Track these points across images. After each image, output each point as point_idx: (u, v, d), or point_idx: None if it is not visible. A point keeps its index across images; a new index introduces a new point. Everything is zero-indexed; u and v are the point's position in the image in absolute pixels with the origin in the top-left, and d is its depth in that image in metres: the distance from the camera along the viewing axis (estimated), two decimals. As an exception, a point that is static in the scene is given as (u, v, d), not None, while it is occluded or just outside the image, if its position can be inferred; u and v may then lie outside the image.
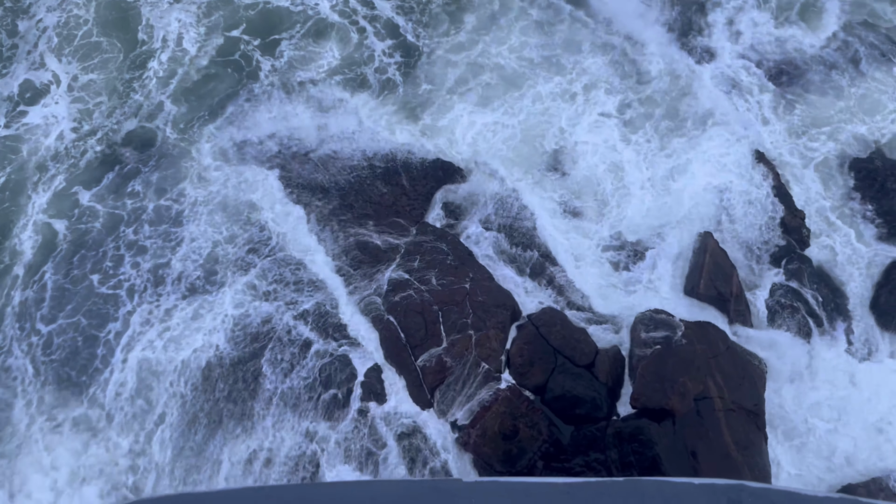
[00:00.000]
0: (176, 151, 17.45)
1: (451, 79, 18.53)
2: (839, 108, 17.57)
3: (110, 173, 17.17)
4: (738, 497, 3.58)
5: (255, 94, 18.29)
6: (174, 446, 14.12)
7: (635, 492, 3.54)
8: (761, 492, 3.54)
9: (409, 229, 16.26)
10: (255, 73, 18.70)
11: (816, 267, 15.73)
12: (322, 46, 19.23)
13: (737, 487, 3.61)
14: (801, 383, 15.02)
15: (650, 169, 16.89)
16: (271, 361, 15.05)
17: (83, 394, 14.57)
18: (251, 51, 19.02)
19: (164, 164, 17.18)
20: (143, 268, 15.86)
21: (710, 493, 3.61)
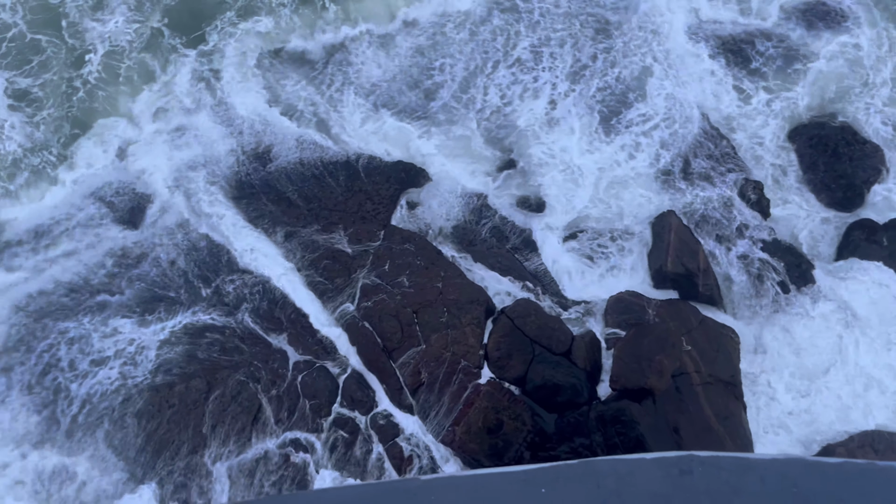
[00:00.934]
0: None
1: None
2: (787, 80, 17.91)
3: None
4: (689, 466, 3.67)
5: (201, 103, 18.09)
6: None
7: (590, 473, 3.60)
8: (711, 459, 3.64)
9: (376, 234, 16.25)
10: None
11: (779, 235, 16.02)
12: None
13: (687, 458, 3.70)
14: (771, 352, 15.30)
15: (602, 154, 17.07)
16: (251, 377, 14.92)
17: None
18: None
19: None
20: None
21: (662, 467, 3.70)
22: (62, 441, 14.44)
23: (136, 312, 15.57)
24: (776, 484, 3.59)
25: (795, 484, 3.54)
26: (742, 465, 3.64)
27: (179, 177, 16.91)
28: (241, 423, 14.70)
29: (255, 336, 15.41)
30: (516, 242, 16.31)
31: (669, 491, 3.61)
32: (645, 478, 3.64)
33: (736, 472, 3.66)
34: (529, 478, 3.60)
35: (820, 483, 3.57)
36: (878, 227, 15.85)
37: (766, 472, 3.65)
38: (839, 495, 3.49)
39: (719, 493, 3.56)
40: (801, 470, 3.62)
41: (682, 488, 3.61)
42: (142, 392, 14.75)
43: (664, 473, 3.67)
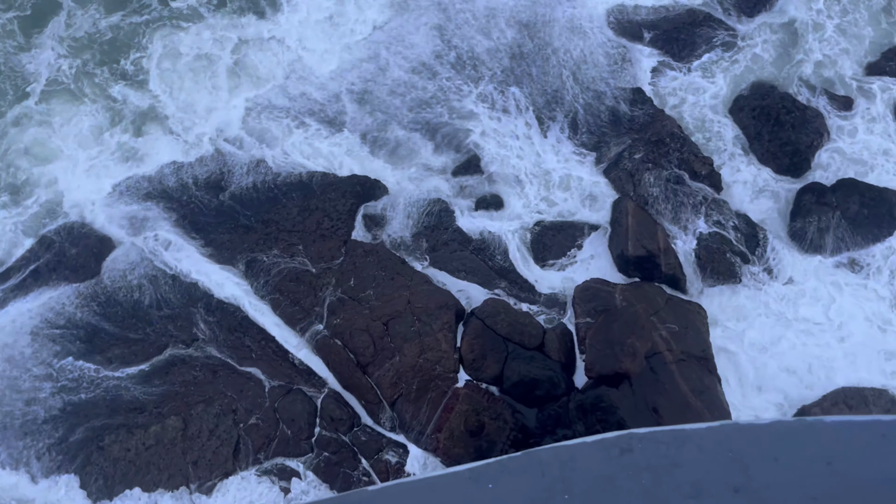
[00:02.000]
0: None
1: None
2: (723, 56, 18.26)
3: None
4: (629, 444, 3.74)
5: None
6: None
7: (534, 463, 3.66)
8: (649, 435, 3.72)
9: (338, 250, 16.20)
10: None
11: (733, 208, 16.31)
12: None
13: (626, 437, 3.78)
14: (737, 322, 15.57)
15: (551, 150, 17.24)
16: (227, 409, 14.77)
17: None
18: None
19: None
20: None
21: (603, 448, 3.77)
22: (39, 481, 14.20)
23: (104, 354, 15.31)
24: (712, 451, 3.67)
25: (731, 449, 3.62)
26: (679, 436, 3.72)
27: (132, 215, 16.68)
28: (222, 456, 14.54)
29: (227, 367, 15.26)
30: (479, 243, 16.38)
31: (612, 471, 3.67)
32: (587, 461, 3.70)
33: (674, 444, 3.73)
34: (475, 475, 3.64)
35: (753, 445, 3.66)
36: (826, 190, 16.23)
37: (701, 440, 3.74)
38: (772, 454, 3.58)
39: (660, 467, 3.63)
40: (734, 434, 3.71)
41: (624, 467, 3.67)
42: (117, 434, 14.51)
43: (605, 454, 3.74)
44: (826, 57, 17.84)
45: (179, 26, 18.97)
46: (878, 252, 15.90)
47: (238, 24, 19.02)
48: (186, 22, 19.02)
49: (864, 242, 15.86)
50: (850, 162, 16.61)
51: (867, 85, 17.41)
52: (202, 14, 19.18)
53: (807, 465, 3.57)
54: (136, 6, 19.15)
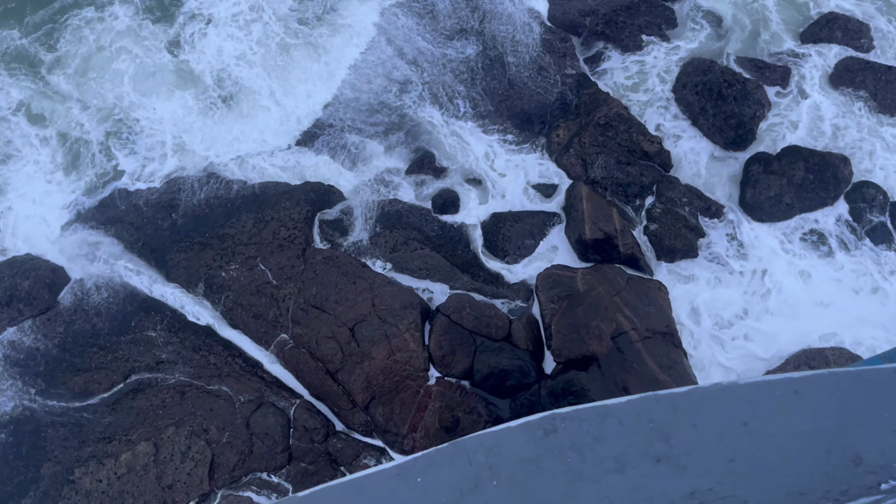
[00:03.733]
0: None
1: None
2: (661, 37, 18.52)
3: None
4: (553, 425, 3.80)
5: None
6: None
7: (460, 452, 3.69)
8: (571, 414, 3.78)
9: (297, 259, 16.10)
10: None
11: (684, 184, 16.56)
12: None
13: (549, 417, 3.83)
14: (700, 294, 15.81)
15: (501, 141, 17.35)
16: (198, 430, 14.60)
17: None
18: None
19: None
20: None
21: (527, 431, 3.82)
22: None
23: (67, 385, 15.03)
24: (633, 423, 3.74)
25: (651, 419, 3.69)
26: (600, 412, 3.78)
27: (84, 242, 16.40)
28: (197, 477, 14.37)
29: (194, 387, 15.08)
30: (438, 239, 16.41)
31: (537, 453, 3.72)
32: (512, 445, 3.75)
33: (595, 420, 3.79)
34: (402, 471, 3.66)
35: (672, 413, 3.73)
36: (772, 159, 16.55)
37: (622, 414, 3.80)
38: (691, 420, 3.66)
39: (583, 444, 3.68)
40: (654, 405, 3.78)
41: (549, 448, 3.72)
42: (87, 466, 14.26)
43: (529, 437, 3.79)
44: (762, 28, 18.20)
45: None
46: (829, 215, 16.26)
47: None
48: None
49: (813, 206, 16.21)
50: (791, 129, 16.97)
51: (802, 53, 17.80)
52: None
53: (724, 428, 3.66)
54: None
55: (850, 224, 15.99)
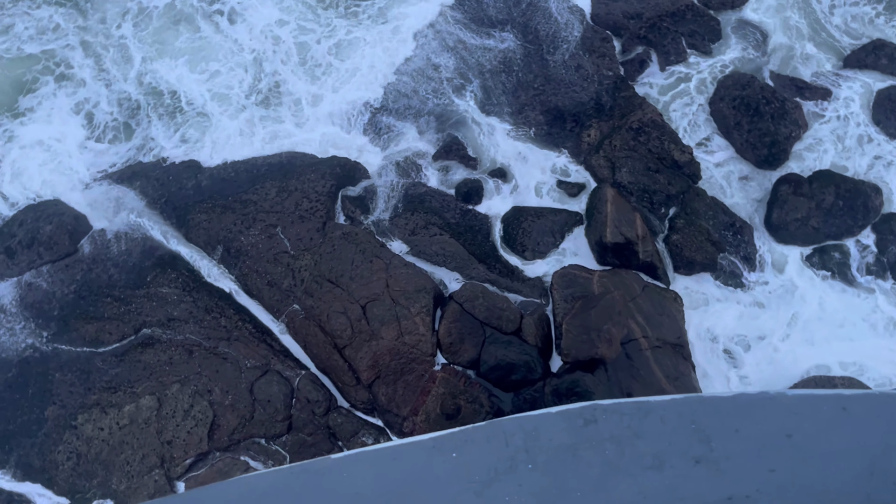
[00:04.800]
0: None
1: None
2: (704, 48, 18.35)
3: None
4: (593, 416, 3.78)
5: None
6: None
7: (497, 432, 3.68)
8: (613, 406, 3.76)
9: (317, 232, 16.11)
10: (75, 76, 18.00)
11: (710, 197, 16.44)
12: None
13: (590, 408, 3.81)
14: (714, 310, 15.73)
15: (532, 136, 17.27)
16: (202, 389, 14.68)
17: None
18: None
19: None
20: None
21: (567, 419, 3.80)
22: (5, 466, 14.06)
23: (78, 332, 15.14)
24: (675, 422, 3.72)
25: (693, 420, 3.67)
26: (643, 408, 3.75)
27: (108, 194, 16.46)
28: (196, 436, 14.46)
29: (203, 347, 15.15)
30: (458, 227, 16.38)
31: (575, 441, 3.70)
32: (551, 431, 3.73)
33: (637, 416, 3.77)
34: (439, 444, 3.65)
35: (716, 417, 3.70)
36: (803, 181, 16.40)
37: (665, 412, 3.77)
38: (734, 425, 3.63)
39: (623, 438, 3.67)
40: (697, 406, 3.75)
41: (587, 437, 3.70)
42: (90, 413, 14.37)
43: (569, 425, 3.77)
44: (806, 48, 18.00)
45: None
46: (854, 244, 16.12)
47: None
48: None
49: (839, 234, 16.07)
50: (825, 153, 16.81)
51: (845, 77, 17.60)
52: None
53: (767, 437, 3.63)
54: None
55: (876, 255, 15.86)
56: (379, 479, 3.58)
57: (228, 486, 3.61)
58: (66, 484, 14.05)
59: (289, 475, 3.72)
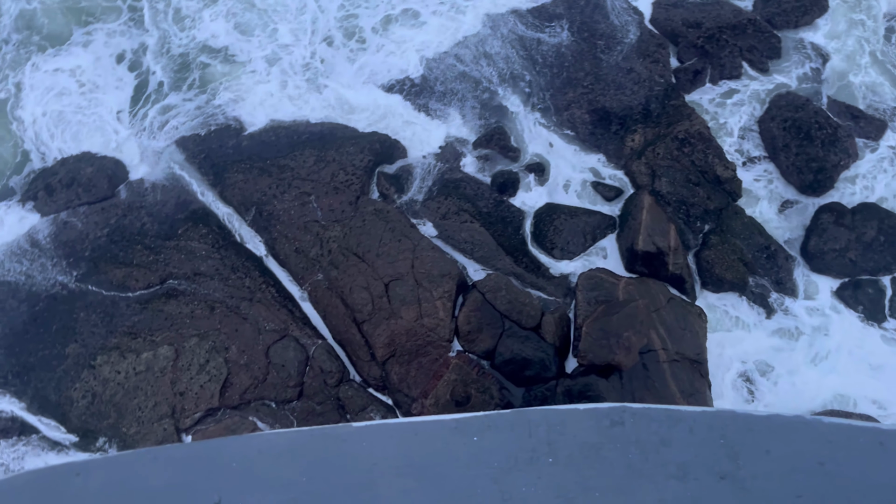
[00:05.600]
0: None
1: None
2: (766, 61, 17.97)
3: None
4: (621, 418, 3.72)
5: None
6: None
7: (522, 422, 3.65)
8: (642, 411, 3.70)
9: (349, 205, 16.15)
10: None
11: (749, 217, 16.16)
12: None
13: (619, 409, 3.76)
14: (736, 332, 15.51)
15: (575, 134, 17.08)
16: (220, 346, 14.86)
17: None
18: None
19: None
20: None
21: (594, 417, 3.75)
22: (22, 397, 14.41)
23: (106, 275, 15.39)
24: (704, 434, 3.65)
25: (723, 435, 3.60)
26: (673, 416, 3.70)
27: (150, 144, 16.66)
28: (208, 391, 14.67)
29: (225, 305, 15.33)
30: (490, 217, 16.31)
31: (600, 441, 3.66)
32: (576, 427, 3.69)
33: (666, 423, 3.71)
34: (461, 426, 3.64)
35: (747, 434, 3.63)
36: (846, 211, 16.04)
37: (695, 423, 3.71)
38: (765, 446, 3.56)
39: (648, 443, 3.61)
40: (729, 422, 3.68)
41: (613, 438, 3.66)
42: (109, 355, 14.64)
43: (595, 424, 3.73)
44: (865, 78, 17.54)
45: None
46: (887, 282, 15.76)
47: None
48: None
49: (877, 269, 15.71)
50: (873, 187, 16.41)
51: (903, 112, 17.15)
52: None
53: (798, 462, 3.55)
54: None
55: (912, 296, 15.50)
56: (398, 452, 3.58)
57: (249, 441, 3.65)
58: (78, 421, 14.34)
59: (310, 437, 3.73)
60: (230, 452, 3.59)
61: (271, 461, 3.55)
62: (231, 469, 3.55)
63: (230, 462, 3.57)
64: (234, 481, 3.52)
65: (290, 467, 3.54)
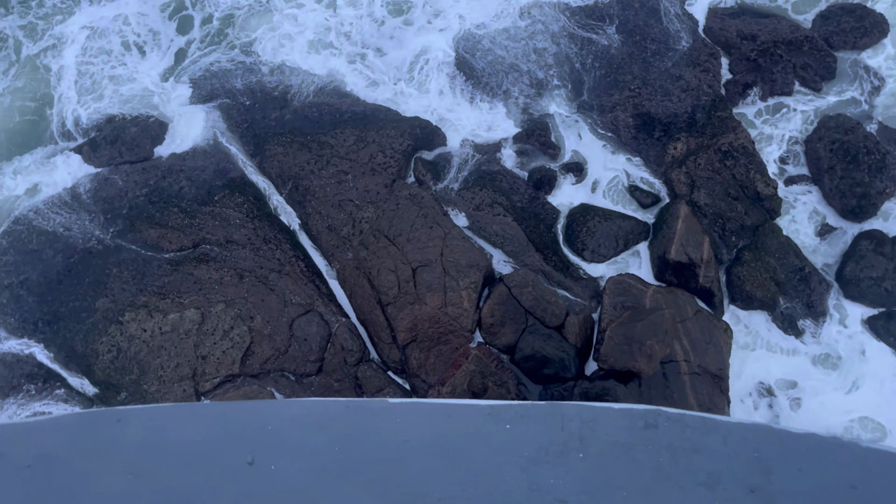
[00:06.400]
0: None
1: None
2: (820, 80, 17.62)
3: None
4: (655, 421, 3.73)
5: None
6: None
7: (556, 415, 3.67)
8: (677, 416, 3.70)
9: (385, 187, 16.23)
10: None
11: (785, 237, 15.92)
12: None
13: (654, 412, 3.76)
14: (761, 351, 15.33)
15: (616, 138, 16.93)
16: (245, 314, 15.07)
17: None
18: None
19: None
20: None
21: (627, 417, 3.76)
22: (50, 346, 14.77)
23: (141, 234, 15.67)
24: (737, 446, 3.64)
25: (757, 448, 3.59)
26: (708, 424, 3.69)
27: (196, 108, 16.87)
28: (230, 357, 14.89)
29: (254, 275, 15.52)
30: (523, 212, 16.28)
31: (632, 441, 3.67)
32: (609, 426, 3.71)
33: (700, 430, 3.71)
34: (495, 413, 3.67)
35: (781, 450, 3.61)
36: (886, 240, 15.72)
37: (729, 434, 3.70)
38: (798, 464, 3.54)
39: (680, 449, 3.61)
40: (764, 436, 3.67)
41: (645, 440, 3.67)
42: (137, 313, 14.93)
43: (629, 424, 3.74)
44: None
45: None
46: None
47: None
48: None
49: (911, 302, 15.40)
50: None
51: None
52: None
53: (829, 483, 3.52)
54: None
55: (947, 332, 15.15)
56: (429, 432, 3.63)
57: (285, 405, 3.72)
58: (102, 374, 14.67)
59: (344, 408, 3.80)
60: (266, 415, 3.67)
61: (305, 427, 3.62)
62: (266, 431, 3.64)
63: (265, 424, 3.66)
64: (267, 443, 3.60)
65: (323, 435, 3.61)
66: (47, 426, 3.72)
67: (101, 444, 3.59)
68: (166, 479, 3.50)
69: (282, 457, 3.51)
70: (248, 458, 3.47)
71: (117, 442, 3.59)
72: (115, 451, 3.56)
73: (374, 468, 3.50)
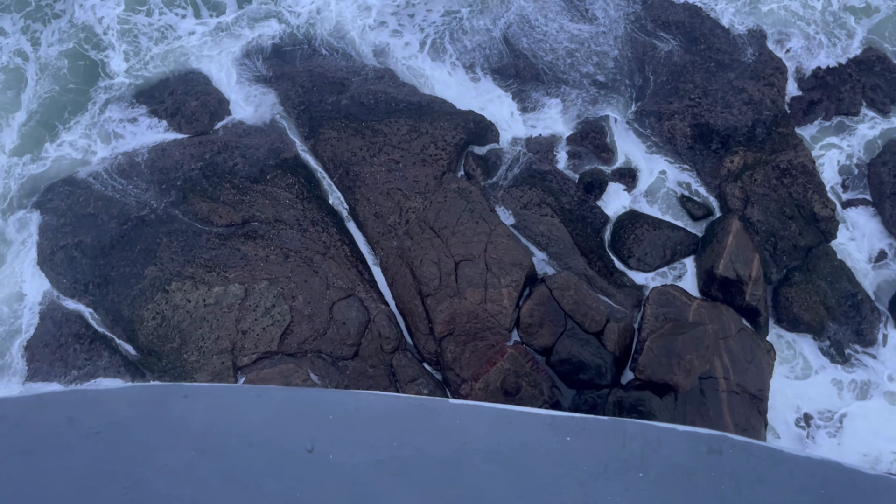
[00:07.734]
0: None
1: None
2: (889, 103, 17.07)
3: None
4: (720, 447, 3.66)
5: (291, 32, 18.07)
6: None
7: (618, 431, 3.63)
8: (743, 444, 3.63)
9: (434, 179, 16.24)
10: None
11: (839, 260, 15.50)
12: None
13: (719, 438, 3.69)
14: (804, 376, 14.98)
15: (673, 147, 16.63)
16: (287, 293, 15.26)
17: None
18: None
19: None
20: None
21: (691, 441, 3.70)
22: (98, 308, 15.15)
23: (193, 207, 15.96)
24: (804, 481, 3.55)
25: (824, 486, 3.50)
26: (774, 456, 3.61)
27: (254, 88, 17.09)
28: (269, 335, 15.11)
29: (299, 255, 15.70)
30: (571, 215, 16.14)
31: (694, 465, 3.61)
32: (672, 448, 3.65)
33: (766, 461, 3.63)
34: (556, 423, 3.65)
35: (850, 491, 3.51)
36: (946, 273, 15.22)
37: (796, 467, 3.61)
38: (867, 505, 3.44)
39: (744, 478, 3.54)
40: (833, 473, 3.57)
41: (708, 466, 3.60)
42: (183, 283, 15.24)
43: (692, 448, 3.68)
44: None
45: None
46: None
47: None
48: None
49: (968, 339, 14.88)
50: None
51: None
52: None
53: None
54: None
55: None
56: (489, 437, 3.63)
57: (348, 396, 3.77)
58: (145, 340, 15.03)
59: (406, 405, 3.82)
60: (329, 404, 3.72)
61: (366, 421, 3.66)
62: (327, 420, 3.68)
63: (327, 414, 3.70)
64: (328, 432, 3.65)
65: (384, 430, 3.64)
66: (118, 395, 3.82)
67: (169, 417, 3.68)
68: (228, 458, 3.57)
69: (341, 447, 3.55)
70: (308, 446, 3.52)
71: (184, 417, 3.68)
72: (182, 426, 3.65)
73: (432, 469, 3.51)
